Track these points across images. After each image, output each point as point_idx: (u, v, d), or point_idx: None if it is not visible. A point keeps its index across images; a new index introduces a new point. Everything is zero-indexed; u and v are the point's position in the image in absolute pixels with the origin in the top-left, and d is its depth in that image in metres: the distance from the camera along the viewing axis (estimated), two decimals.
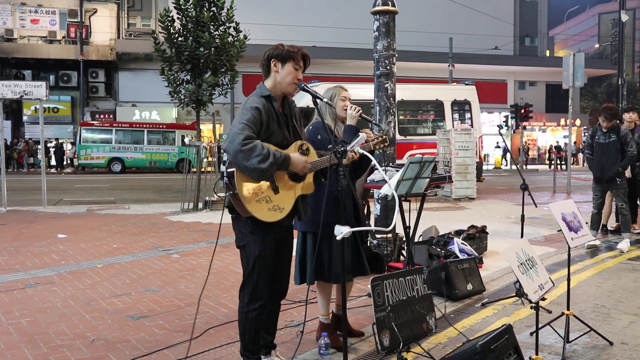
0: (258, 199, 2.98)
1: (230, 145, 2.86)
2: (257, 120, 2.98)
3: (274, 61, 3.14)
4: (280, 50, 3.14)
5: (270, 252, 3.12)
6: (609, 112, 7.36)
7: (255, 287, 3.12)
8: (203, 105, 11.56)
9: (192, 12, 11.06)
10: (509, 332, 3.27)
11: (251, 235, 3.08)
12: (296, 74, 3.15)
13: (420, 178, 4.73)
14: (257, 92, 3.15)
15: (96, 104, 33.53)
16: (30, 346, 3.94)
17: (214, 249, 4.19)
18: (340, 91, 3.98)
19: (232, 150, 2.86)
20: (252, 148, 2.84)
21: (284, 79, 3.14)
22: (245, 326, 3.17)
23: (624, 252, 7.17)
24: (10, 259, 6.79)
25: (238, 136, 2.86)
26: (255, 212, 2.96)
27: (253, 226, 3.05)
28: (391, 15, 6.22)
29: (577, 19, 69.43)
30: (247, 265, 3.14)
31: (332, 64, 32.30)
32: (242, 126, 2.91)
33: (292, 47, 3.17)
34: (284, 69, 3.13)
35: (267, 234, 3.08)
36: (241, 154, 2.84)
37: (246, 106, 3.03)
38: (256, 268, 3.10)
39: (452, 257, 5.67)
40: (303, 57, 3.18)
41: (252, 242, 3.09)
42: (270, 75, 3.18)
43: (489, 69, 37.39)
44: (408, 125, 16.64)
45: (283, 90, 3.19)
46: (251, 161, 2.84)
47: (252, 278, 3.12)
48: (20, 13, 32.22)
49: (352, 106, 3.88)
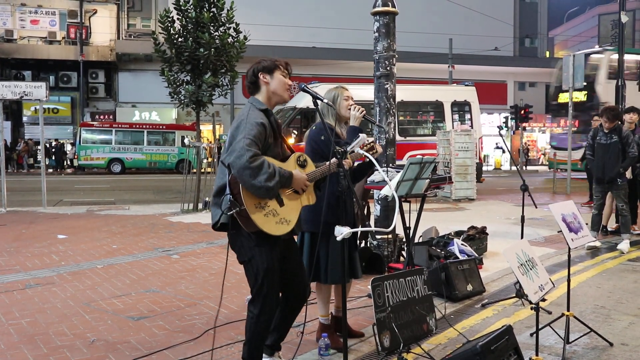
0: (265, 213, 2.93)
1: (238, 162, 2.80)
2: (262, 136, 2.96)
3: (261, 74, 3.15)
4: (264, 64, 3.18)
5: (277, 265, 3.08)
6: (611, 112, 7.36)
7: (266, 300, 3.07)
8: (203, 106, 11.56)
9: (192, 13, 11.06)
10: (509, 333, 3.27)
11: (257, 249, 3.02)
12: (286, 80, 3.19)
13: (420, 179, 4.74)
14: (253, 107, 3.10)
15: (96, 105, 33.52)
16: (30, 347, 3.94)
17: (226, 258, 4.18)
18: (343, 91, 3.97)
19: (239, 167, 2.80)
20: (259, 166, 2.81)
21: (276, 87, 3.15)
22: (253, 335, 3.13)
23: (624, 253, 7.17)
24: (10, 260, 6.79)
25: (246, 153, 2.80)
26: (264, 226, 2.91)
27: (258, 239, 2.99)
28: (391, 16, 6.22)
29: (577, 20, 69.40)
30: (255, 279, 3.06)
31: (332, 64, 32.34)
32: (250, 142, 2.85)
33: (271, 59, 3.23)
34: (274, 78, 3.15)
35: (274, 246, 3.05)
36: (248, 172, 2.79)
37: (250, 120, 2.97)
38: (266, 281, 3.03)
39: (452, 258, 5.67)
40: (285, 64, 3.23)
41: (258, 255, 3.02)
42: (260, 89, 3.17)
43: (489, 70, 37.39)
44: (408, 126, 16.64)
45: (278, 100, 3.21)
46: (259, 179, 2.80)
47: (262, 292, 3.05)
48: (20, 14, 32.20)
49: (355, 106, 3.87)
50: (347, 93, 3.97)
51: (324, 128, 3.73)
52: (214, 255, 7.13)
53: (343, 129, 3.93)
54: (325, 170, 3.23)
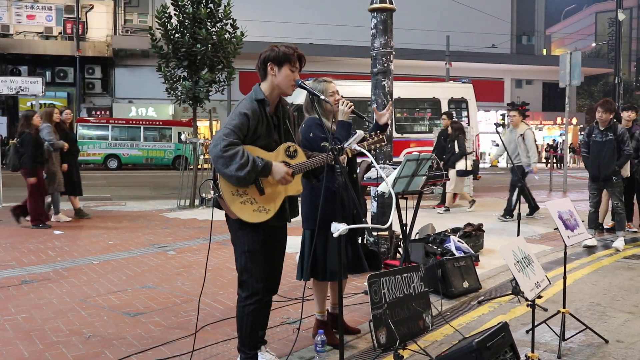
0: (242, 201, 3.04)
1: (213, 150, 2.93)
2: (244, 126, 3.01)
3: (270, 65, 3.14)
4: (276, 53, 3.13)
5: (259, 248, 3.15)
6: (607, 105, 7.36)
7: (250, 281, 3.16)
8: (200, 102, 11.53)
9: (189, 9, 11.02)
10: (505, 329, 3.28)
11: (240, 232, 3.15)
12: (293, 76, 3.16)
13: (417, 176, 4.74)
14: (251, 96, 3.15)
15: (92, 101, 33.41)
16: (26, 342, 3.93)
17: (208, 247, 4.18)
18: (329, 86, 3.86)
19: (213, 156, 2.93)
20: (232, 155, 2.88)
21: (281, 81, 3.14)
22: (243, 321, 3.20)
23: (620, 250, 7.19)
24: (6, 255, 6.77)
25: (221, 142, 2.91)
26: (240, 213, 3.03)
27: (240, 222, 3.10)
28: (389, 12, 6.21)
29: (574, 17, 69.53)
30: (238, 261, 3.20)
31: (329, 61, 32.25)
32: (228, 132, 2.95)
33: (287, 49, 3.16)
34: (281, 72, 3.13)
35: (256, 231, 3.12)
36: (221, 160, 2.90)
37: (236, 111, 3.06)
38: (248, 263, 3.14)
39: (448, 254, 5.68)
40: (299, 57, 3.18)
41: (241, 237, 3.16)
42: (267, 78, 3.18)
43: (486, 67, 37.38)
44: (405, 123, 16.63)
45: (281, 93, 3.21)
46: (230, 168, 2.88)
47: (245, 272, 3.17)
48: (16, 9, 32.05)
49: (343, 101, 3.79)
50: (333, 87, 3.87)
51: (318, 125, 3.71)
52: (210, 251, 7.12)
53: (332, 124, 3.85)
54: (316, 162, 3.22)
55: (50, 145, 9.00)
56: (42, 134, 8.93)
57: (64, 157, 9.37)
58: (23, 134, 8.75)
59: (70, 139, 9.59)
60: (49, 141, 8.96)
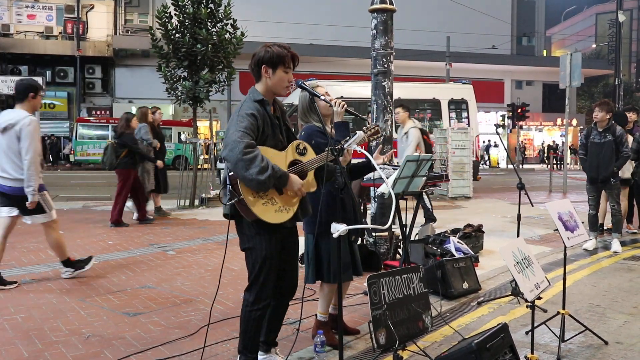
0: (264, 202, 2.98)
1: (231, 154, 2.84)
2: (254, 126, 2.98)
3: (264, 67, 3.12)
4: (270, 54, 3.11)
5: (277, 253, 3.12)
6: (605, 105, 7.35)
7: (262, 288, 3.12)
8: (200, 102, 11.53)
9: (189, 9, 11.02)
10: (504, 330, 3.28)
11: (257, 237, 3.07)
12: (287, 77, 3.15)
13: (417, 176, 4.74)
14: (250, 97, 3.13)
15: (92, 100, 33.41)
16: (25, 342, 3.93)
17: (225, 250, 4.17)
18: (318, 89, 3.79)
19: (233, 159, 2.84)
20: (252, 158, 2.83)
21: (275, 83, 3.14)
22: (248, 325, 3.16)
23: (618, 252, 7.18)
24: (6, 255, 6.73)
25: (238, 144, 2.83)
26: (262, 215, 2.97)
27: (258, 228, 3.04)
28: (389, 13, 6.21)
29: (574, 18, 69.51)
30: (253, 267, 3.12)
31: (329, 62, 32.28)
32: (241, 134, 2.88)
33: (281, 49, 3.14)
34: (275, 75, 3.12)
35: (273, 235, 3.09)
36: (241, 163, 2.82)
37: (241, 113, 3.01)
38: (264, 269, 3.09)
39: (448, 255, 5.67)
40: (292, 57, 3.17)
41: (258, 243, 3.08)
42: (261, 79, 3.16)
43: (486, 68, 37.41)
44: None
45: (275, 93, 3.20)
46: (250, 171, 2.82)
47: (259, 279, 3.11)
48: (17, 8, 32.05)
49: (335, 101, 3.76)
50: (322, 90, 3.81)
51: (317, 130, 3.71)
52: (210, 251, 7.13)
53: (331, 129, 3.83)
54: (321, 159, 3.20)
55: (149, 145, 9.26)
56: (140, 133, 9.20)
57: (156, 156, 9.67)
58: (123, 135, 8.92)
59: (160, 138, 9.84)
60: (146, 140, 9.13)
